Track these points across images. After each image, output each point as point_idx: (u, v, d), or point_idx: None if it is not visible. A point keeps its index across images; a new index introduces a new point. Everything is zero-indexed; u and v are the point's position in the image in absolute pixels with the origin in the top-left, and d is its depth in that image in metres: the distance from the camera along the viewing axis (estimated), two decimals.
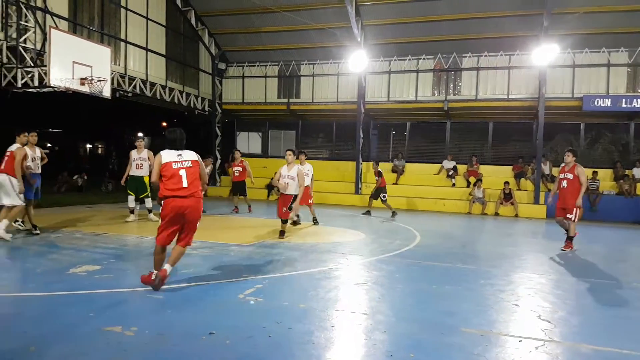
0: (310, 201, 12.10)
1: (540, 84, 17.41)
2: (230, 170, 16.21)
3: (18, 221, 9.60)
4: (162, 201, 5.57)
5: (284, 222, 9.90)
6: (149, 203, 11.89)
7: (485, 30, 17.91)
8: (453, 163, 19.60)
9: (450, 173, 19.30)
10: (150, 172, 10.69)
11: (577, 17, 16.22)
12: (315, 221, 12.28)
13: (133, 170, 11.55)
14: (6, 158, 8.76)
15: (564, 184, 9.54)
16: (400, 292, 5.99)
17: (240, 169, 14.74)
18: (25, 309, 4.99)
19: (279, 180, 9.79)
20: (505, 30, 17.75)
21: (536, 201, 17.43)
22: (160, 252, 5.63)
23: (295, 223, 11.67)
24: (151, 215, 11.80)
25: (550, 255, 9.25)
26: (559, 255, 9.13)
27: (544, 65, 16.88)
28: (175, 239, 5.75)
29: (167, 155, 5.65)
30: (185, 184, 5.58)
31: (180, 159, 5.67)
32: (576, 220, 9.46)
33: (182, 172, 5.61)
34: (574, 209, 9.38)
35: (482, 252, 9.57)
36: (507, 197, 17.23)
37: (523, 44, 17.68)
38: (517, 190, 18.00)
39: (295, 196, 9.72)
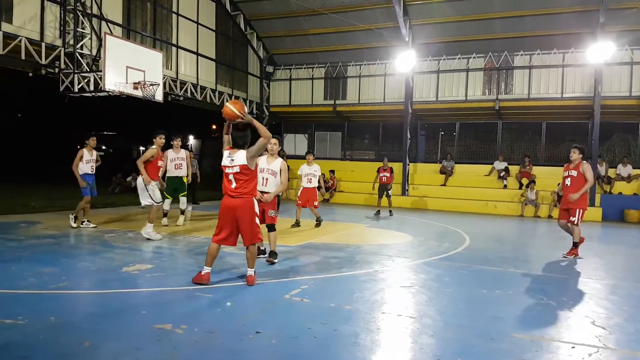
0: (315, 203, 11.60)
1: (595, 82, 16.77)
2: None
3: (84, 222, 10.13)
4: None
5: (271, 229, 7.49)
6: (183, 204, 11.47)
7: (539, 28, 17.40)
8: (505, 164, 19.11)
9: (501, 174, 18.83)
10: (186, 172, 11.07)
11: (636, 13, 15.51)
12: (318, 222, 11.72)
13: (172, 171, 10.98)
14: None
15: (568, 182, 8.87)
16: (448, 296, 5.88)
17: None
18: (81, 306, 5.20)
19: None
20: (560, 27, 17.17)
21: (591, 204, 16.69)
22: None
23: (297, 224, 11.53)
24: (181, 220, 11.27)
25: (605, 260, 8.87)
26: (614, 260, 8.74)
27: (600, 63, 16.24)
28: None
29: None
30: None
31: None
32: (579, 222, 8.67)
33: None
34: (577, 211, 8.63)
35: (534, 256, 9.28)
36: (561, 199, 16.62)
37: (578, 41, 17.08)
38: None
39: (278, 196, 7.83)
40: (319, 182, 11.58)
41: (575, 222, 8.67)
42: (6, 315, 4.49)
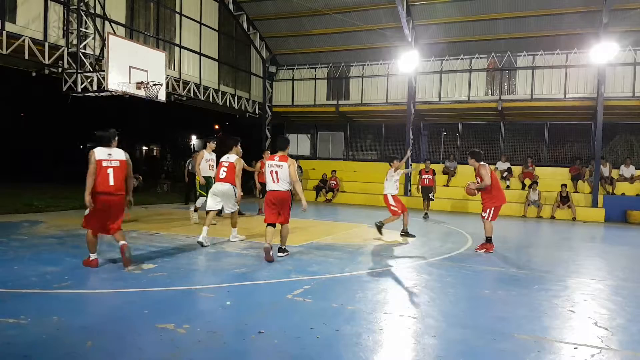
0: None
1: (598, 82, 16.73)
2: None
3: None
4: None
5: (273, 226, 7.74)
6: (199, 202, 11.58)
7: (542, 28, 17.39)
8: (507, 164, 19.08)
9: (504, 175, 18.80)
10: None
11: (639, 13, 15.48)
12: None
13: (206, 171, 11.27)
14: (226, 169, 8.93)
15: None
16: (451, 297, 5.87)
17: None
18: (83, 305, 5.21)
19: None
20: (563, 27, 17.16)
21: (594, 204, 16.73)
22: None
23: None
24: (195, 216, 11.67)
25: (608, 261, 8.85)
26: (617, 261, 8.72)
27: (603, 64, 16.22)
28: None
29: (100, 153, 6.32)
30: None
31: (110, 158, 6.36)
32: (488, 218, 9.07)
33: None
34: (487, 209, 9.10)
35: (536, 257, 9.26)
36: (564, 200, 16.62)
37: (581, 42, 17.06)
38: (574, 192, 17.35)
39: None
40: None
41: (486, 218, 9.13)
42: (9, 315, 4.50)
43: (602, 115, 16.56)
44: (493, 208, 9.09)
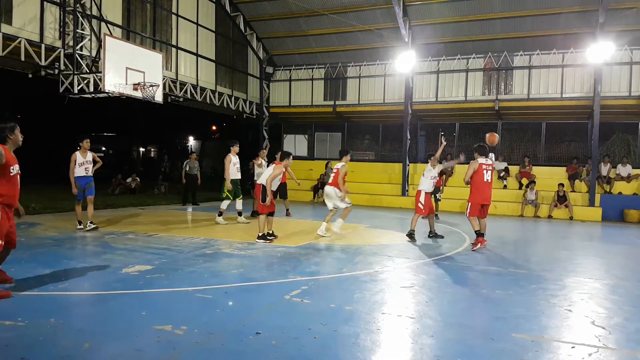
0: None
1: (595, 82, 16.76)
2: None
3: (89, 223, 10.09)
4: None
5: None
6: (239, 205, 12.07)
7: (538, 28, 17.42)
8: (505, 164, 19.10)
9: (501, 174, 18.81)
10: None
11: (635, 13, 15.52)
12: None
13: (235, 174, 11.75)
14: (333, 175, 10.48)
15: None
16: (448, 296, 5.87)
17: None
18: (81, 307, 5.20)
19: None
20: (560, 27, 17.19)
21: (591, 203, 16.76)
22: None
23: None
24: (241, 218, 12.00)
25: (606, 260, 8.87)
26: (614, 260, 8.74)
27: (599, 63, 16.24)
28: None
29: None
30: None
31: None
32: (467, 214, 9.38)
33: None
34: (468, 204, 9.36)
35: (534, 256, 9.28)
36: (561, 199, 16.65)
37: (577, 41, 17.09)
38: (571, 192, 17.38)
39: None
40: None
41: (466, 213, 9.45)
42: (6, 317, 4.49)
43: (598, 115, 16.58)
44: (470, 204, 9.34)
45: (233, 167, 11.66)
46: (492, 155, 9.87)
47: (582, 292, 6.24)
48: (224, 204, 11.77)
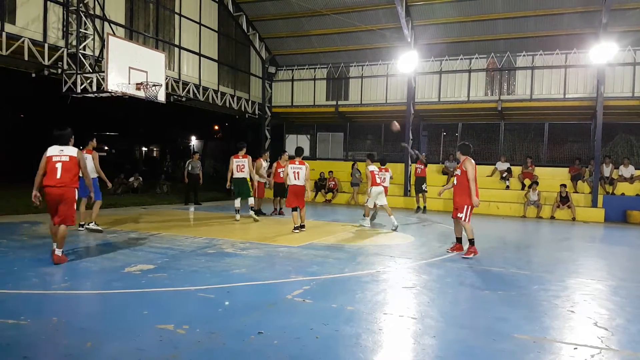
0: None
1: (598, 82, 16.73)
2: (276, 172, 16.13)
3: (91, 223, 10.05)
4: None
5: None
6: (238, 203, 12.64)
7: (541, 28, 17.40)
8: (507, 165, 19.09)
9: (504, 175, 18.81)
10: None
11: (638, 13, 15.50)
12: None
13: (236, 173, 12.41)
14: (369, 177, 11.87)
15: (455, 181, 8.75)
16: (450, 297, 5.87)
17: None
18: (83, 306, 5.22)
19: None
20: (563, 27, 17.18)
21: (594, 204, 16.74)
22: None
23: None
24: (253, 214, 12.46)
25: (608, 261, 8.85)
26: (617, 261, 8.72)
27: (602, 64, 16.22)
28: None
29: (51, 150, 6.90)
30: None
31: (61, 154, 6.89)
32: (467, 220, 8.43)
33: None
34: (464, 207, 8.43)
35: (536, 257, 9.26)
36: (564, 200, 16.62)
37: (580, 42, 17.07)
38: (574, 193, 17.35)
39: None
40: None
41: (463, 219, 8.47)
42: (9, 315, 4.50)
43: (601, 115, 16.56)
44: (470, 207, 8.47)
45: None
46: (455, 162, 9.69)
47: (585, 293, 6.23)
48: (236, 202, 12.63)
